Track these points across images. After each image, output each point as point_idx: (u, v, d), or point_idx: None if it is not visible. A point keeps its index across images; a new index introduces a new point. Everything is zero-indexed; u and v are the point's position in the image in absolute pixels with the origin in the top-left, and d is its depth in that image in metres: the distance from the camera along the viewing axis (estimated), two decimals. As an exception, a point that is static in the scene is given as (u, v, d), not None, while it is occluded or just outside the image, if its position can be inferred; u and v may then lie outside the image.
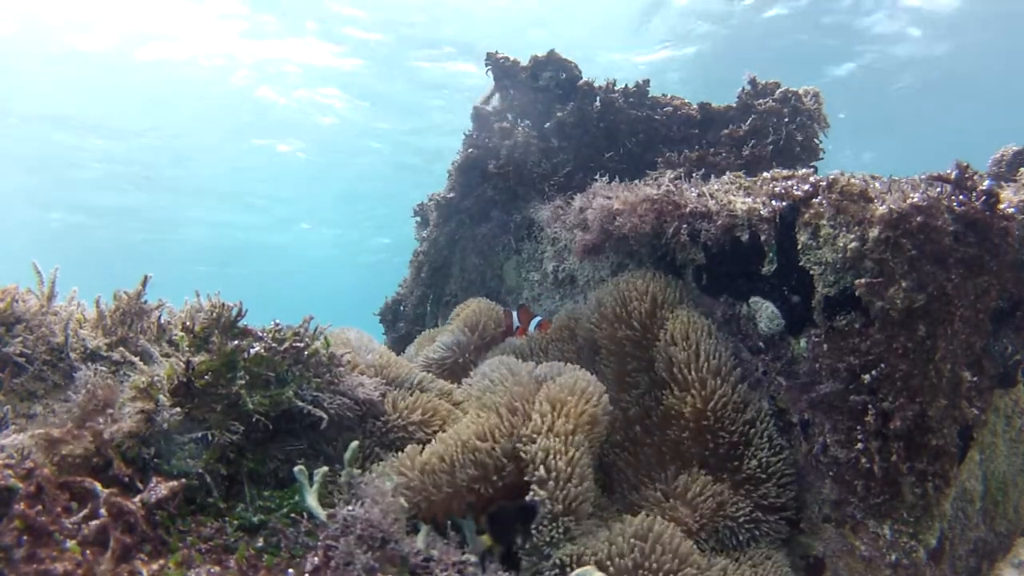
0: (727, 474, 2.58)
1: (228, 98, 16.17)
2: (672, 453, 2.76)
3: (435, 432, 2.61)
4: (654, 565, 2.12)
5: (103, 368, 2.39)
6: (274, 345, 2.27)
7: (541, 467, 2.24)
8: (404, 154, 18.89)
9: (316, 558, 1.72)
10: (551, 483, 2.21)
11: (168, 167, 19.87)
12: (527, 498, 2.24)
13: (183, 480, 1.90)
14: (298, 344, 2.32)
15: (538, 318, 3.71)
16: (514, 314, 3.85)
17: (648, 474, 2.77)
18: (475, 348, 3.61)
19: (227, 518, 1.97)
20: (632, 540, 2.17)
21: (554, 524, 2.18)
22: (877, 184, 2.43)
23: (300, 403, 2.27)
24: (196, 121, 17.10)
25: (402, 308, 5.38)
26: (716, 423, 2.61)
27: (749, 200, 2.71)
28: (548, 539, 2.18)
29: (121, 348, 2.47)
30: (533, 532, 2.19)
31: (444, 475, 2.29)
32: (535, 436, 2.33)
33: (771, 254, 2.63)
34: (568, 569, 2.13)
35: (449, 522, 2.35)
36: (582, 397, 2.46)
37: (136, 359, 2.30)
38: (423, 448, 2.42)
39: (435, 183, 5.25)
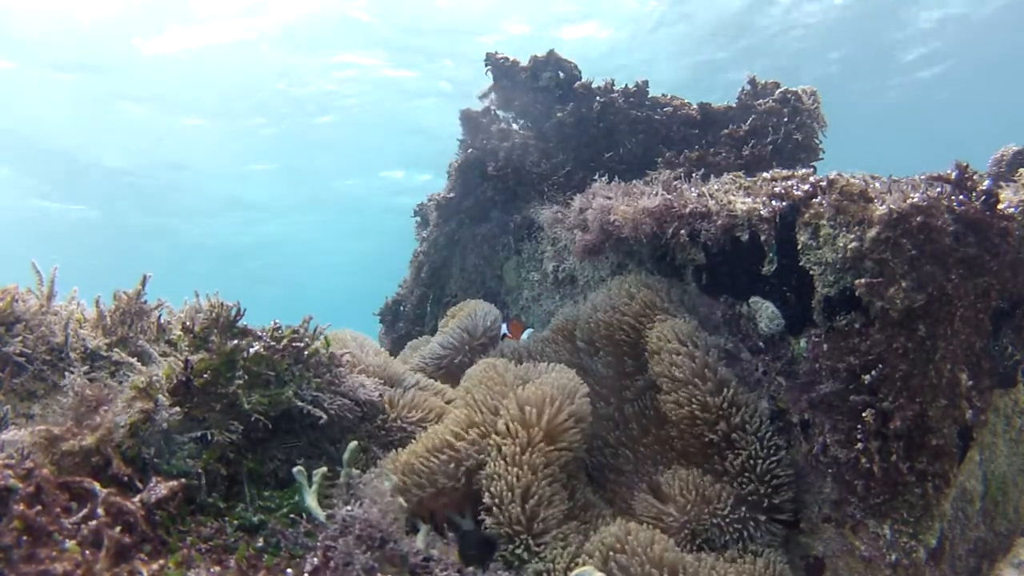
0: (717, 476, 2.58)
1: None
2: (665, 452, 2.76)
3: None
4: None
5: (102, 368, 2.39)
6: (273, 344, 2.27)
7: (486, 494, 2.26)
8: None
9: (315, 558, 1.72)
10: (495, 509, 2.24)
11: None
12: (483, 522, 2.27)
13: (183, 480, 1.90)
14: (297, 344, 2.32)
15: (530, 330, 3.70)
16: (504, 326, 3.83)
17: (642, 472, 2.77)
18: (470, 349, 3.61)
19: (227, 518, 1.97)
20: (608, 551, 2.18)
21: (511, 545, 2.21)
22: (877, 184, 2.43)
23: (300, 403, 2.27)
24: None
25: (402, 308, 5.38)
26: (699, 428, 2.60)
27: (749, 200, 2.71)
28: (512, 560, 2.20)
29: (117, 350, 2.46)
30: (497, 557, 2.21)
31: (425, 475, 2.30)
32: (486, 460, 2.34)
33: (771, 254, 2.63)
34: None
35: (446, 523, 2.36)
36: (548, 406, 2.43)
37: (133, 360, 2.30)
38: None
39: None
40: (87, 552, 1.53)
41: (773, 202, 2.62)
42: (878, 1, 13.14)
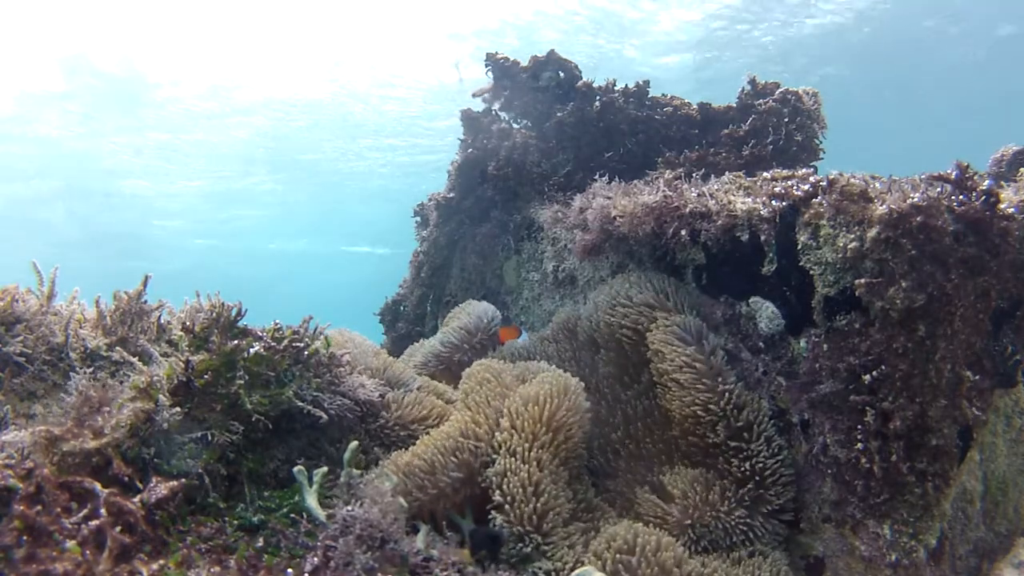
0: (721, 475, 2.58)
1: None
2: (669, 452, 2.76)
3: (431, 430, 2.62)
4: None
5: (103, 368, 2.39)
6: (273, 345, 2.27)
7: (498, 492, 2.25)
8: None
9: (316, 558, 1.72)
10: (507, 507, 2.23)
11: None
12: (490, 521, 2.26)
13: (183, 480, 1.90)
14: (297, 344, 2.32)
15: (525, 334, 3.70)
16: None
17: (646, 472, 2.77)
18: (471, 348, 3.61)
19: (227, 518, 1.97)
20: (617, 555, 2.18)
21: (520, 544, 2.21)
22: (877, 184, 2.43)
23: (300, 403, 2.27)
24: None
25: (402, 308, 5.38)
26: (703, 428, 2.60)
27: (749, 200, 2.71)
28: (519, 558, 2.20)
29: (118, 349, 2.46)
30: (502, 554, 2.21)
31: (428, 476, 2.30)
32: (494, 457, 2.34)
33: (771, 254, 2.63)
34: None
35: (445, 521, 2.35)
36: (548, 407, 2.43)
37: (134, 359, 2.30)
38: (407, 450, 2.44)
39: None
40: (87, 552, 1.53)
41: (773, 202, 2.62)
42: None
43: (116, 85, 14.16)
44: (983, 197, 2.34)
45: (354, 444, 2.24)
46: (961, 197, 2.34)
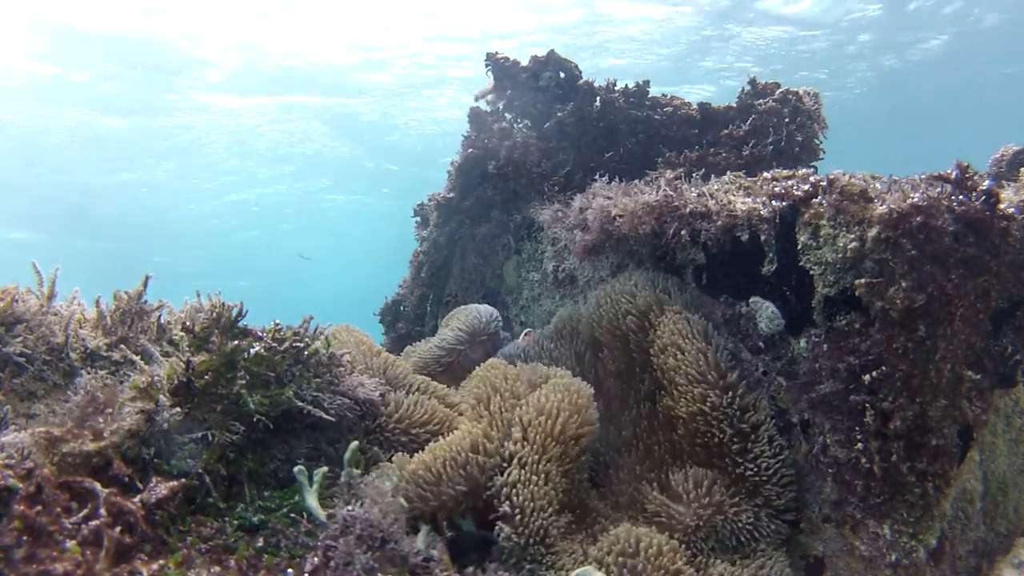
0: (726, 475, 2.58)
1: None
2: (674, 452, 2.76)
3: (433, 435, 2.62)
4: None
5: (103, 368, 2.39)
6: (274, 345, 2.27)
7: (507, 503, 2.26)
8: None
9: (316, 558, 1.72)
10: (516, 519, 2.24)
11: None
12: (495, 531, 2.26)
13: (183, 480, 1.91)
14: (298, 344, 2.32)
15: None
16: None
17: (651, 472, 2.77)
18: (470, 348, 3.62)
19: (227, 518, 1.97)
20: (620, 559, 2.18)
21: (524, 554, 2.22)
22: (877, 184, 2.43)
23: (300, 403, 2.27)
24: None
25: (402, 308, 5.38)
26: (708, 427, 2.60)
27: (749, 200, 2.71)
28: (516, 563, 2.21)
29: (122, 348, 2.47)
30: (504, 563, 2.22)
31: (431, 487, 2.30)
32: (504, 466, 2.35)
33: (771, 254, 2.63)
34: None
35: (446, 523, 2.36)
36: (559, 419, 2.43)
37: (136, 358, 2.30)
38: (413, 456, 2.43)
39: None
40: (87, 552, 1.53)
41: (773, 202, 2.62)
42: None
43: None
44: (983, 197, 2.34)
45: (354, 444, 2.24)
46: (961, 197, 2.34)
